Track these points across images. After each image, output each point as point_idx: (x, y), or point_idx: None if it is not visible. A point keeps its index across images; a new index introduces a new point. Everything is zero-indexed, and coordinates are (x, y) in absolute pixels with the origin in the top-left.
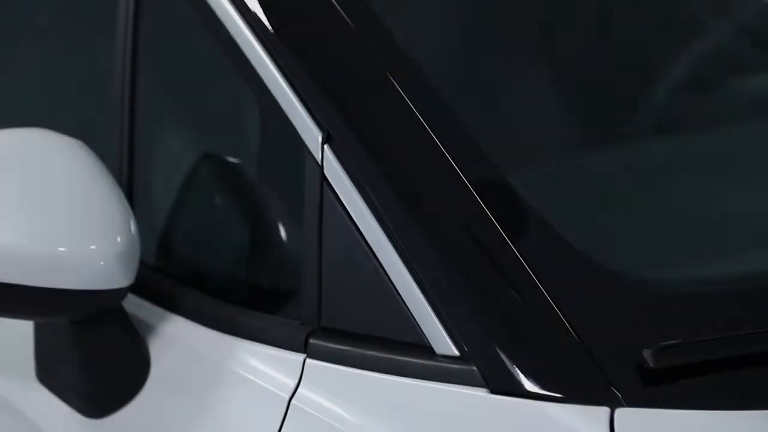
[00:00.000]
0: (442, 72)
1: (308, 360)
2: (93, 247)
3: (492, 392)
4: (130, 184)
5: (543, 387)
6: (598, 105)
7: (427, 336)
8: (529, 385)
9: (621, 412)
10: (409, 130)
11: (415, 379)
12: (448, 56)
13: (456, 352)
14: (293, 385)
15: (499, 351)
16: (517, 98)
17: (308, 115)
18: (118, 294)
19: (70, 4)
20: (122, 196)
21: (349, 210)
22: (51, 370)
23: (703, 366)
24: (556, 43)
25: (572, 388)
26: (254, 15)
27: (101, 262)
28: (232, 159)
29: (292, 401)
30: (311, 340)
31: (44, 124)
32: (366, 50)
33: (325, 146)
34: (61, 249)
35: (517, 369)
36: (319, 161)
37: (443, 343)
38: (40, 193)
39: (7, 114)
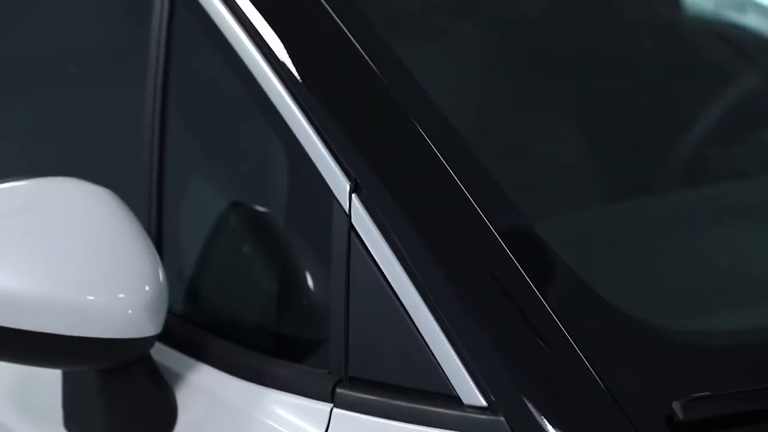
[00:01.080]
0: (470, 121)
1: (335, 410)
2: (121, 295)
3: None
4: (159, 233)
5: None
6: (627, 154)
7: (454, 386)
8: None
9: None
10: (437, 180)
11: (442, 430)
12: (476, 106)
13: (483, 403)
14: None
15: (527, 401)
16: (546, 147)
17: (336, 164)
18: (146, 343)
19: (102, 53)
20: (151, 244)
21: (376, 259)
22: (78, 419)
23: (733, 418)
24: (584, 94)
25: None
26: (283, 64)
27: (129, 311)
28: (259, 208)
29: None
30: (338, 390)
31: (74, 173)
32: (394, 100)
33: (353, 195)
34: (90, 297)
35: (545, 420)
36: (347, 210)
37: (471, 393)
38: (70, 241)
39: (38, 162)
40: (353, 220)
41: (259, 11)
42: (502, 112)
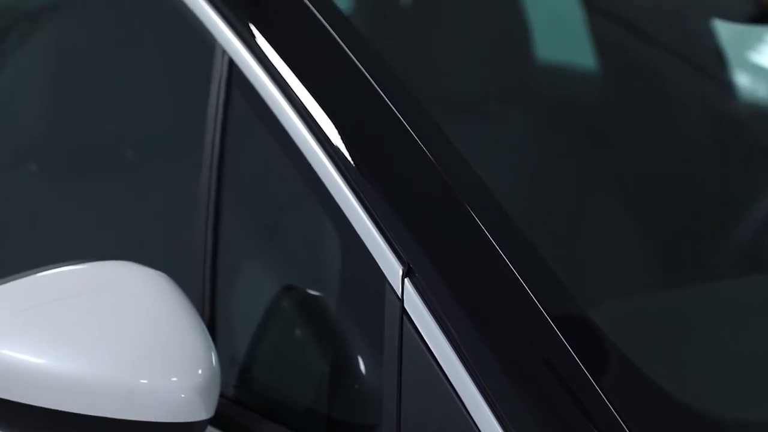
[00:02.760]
0: (524, 205)
1: None
2: (174, 379)
3: None
4: (212, 316)
5: None
6: (683, 241)
7: None
8: None
9: None
10: (490, 265)
11: None
12: (529, 189)
13: None
14: None
15: None
16: (600, 232)
17: (389, 248)
18: (198, 427)
19: (158, 138)
20: (204, 328)
21: (429, 345)
22: None
23: None
24: (639, 179)
25: None
26: (336, 149)
27: (182, 395)
28: (312, 291)
29: None
30: None
31: (129, 257)
32: (447, 184)
33: (406, 280)
34: (143, 381)
35: None
36: (399, 295)
37: None
38: (124, 324)
39: (95, 245)
40: (405, 305)
41: (312, 96)
42: (556, 196)
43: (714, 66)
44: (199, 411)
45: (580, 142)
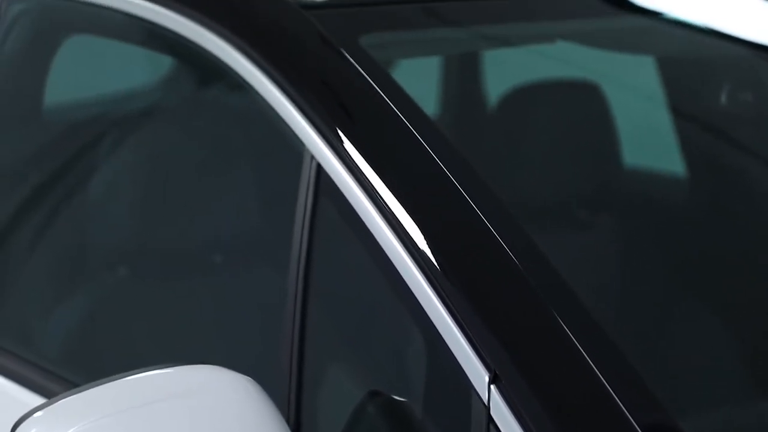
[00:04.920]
0: (611, 314)
1: None
2: None
3: None
4: (298, 421)
5: None
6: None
7: None
8: None
9: None
10: (578, 373)
11: None
12: (617, 298)
13: None
14: None
15: None
16: (691, 340)
17: (475, 354)
18: None
19: (245, 243)
20: None
21: None
22: None
23: None
24: (730, 286)
25: None
26: (423, 253)
27: None
28: (397, 397)
29: None
30: None
31: (216, 361)
32: (534, 291)
33: (492, 386)
34: None
35: None
36: (486, 401)
37: None
38: (211, 429)
39: (181, 349)
40: (492, 412)
41: (398, 201)
42: (644, 303)
43: None
44: None
45: (669, 248)
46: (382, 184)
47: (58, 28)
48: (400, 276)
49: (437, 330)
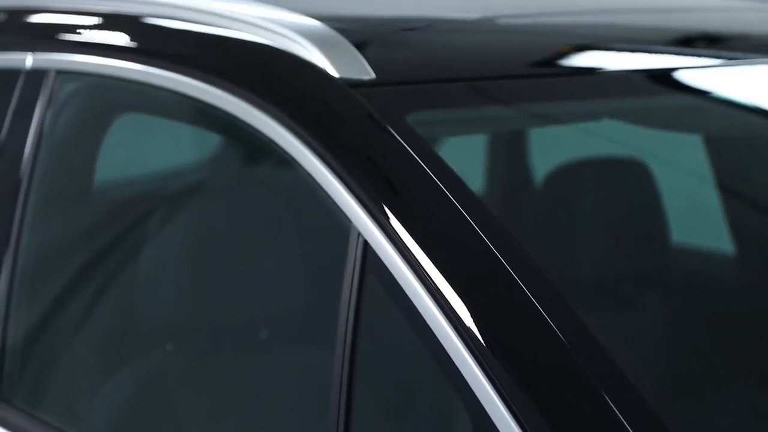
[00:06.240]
0: (660, 393)
1: None
2: None
3: None
4: None
5: None
6: None
7: None
8: None
9: None
10: None
11: None
12: (666, 377)
13: None
14: None
15: None
16: (745, 420)
17: (520, 430)
18: None
19: (291, 321)
20: None
21: None
22: None
23: None
24: None
25: None
26: (469, 330)
27: None
28: None
29: None
30: None
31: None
32: (582, 369)
33: None
34: None
35: None
36: None
37: None
38: None
39: (227, 428)
40: None
41: (445, 278)
42: (694, 385)
43: None
44: None
45: (717, 326)
46: (429, 261)
47: (109, 106)
48: (447, 355)
49: (483, 407)
